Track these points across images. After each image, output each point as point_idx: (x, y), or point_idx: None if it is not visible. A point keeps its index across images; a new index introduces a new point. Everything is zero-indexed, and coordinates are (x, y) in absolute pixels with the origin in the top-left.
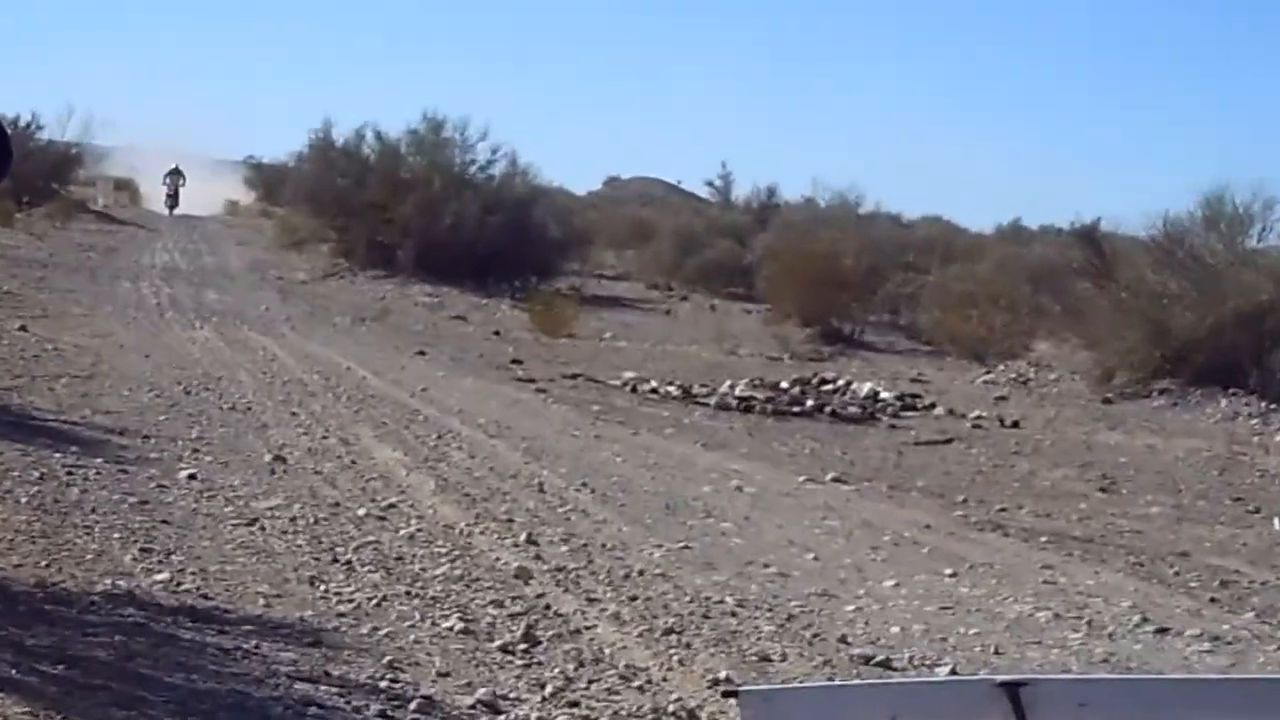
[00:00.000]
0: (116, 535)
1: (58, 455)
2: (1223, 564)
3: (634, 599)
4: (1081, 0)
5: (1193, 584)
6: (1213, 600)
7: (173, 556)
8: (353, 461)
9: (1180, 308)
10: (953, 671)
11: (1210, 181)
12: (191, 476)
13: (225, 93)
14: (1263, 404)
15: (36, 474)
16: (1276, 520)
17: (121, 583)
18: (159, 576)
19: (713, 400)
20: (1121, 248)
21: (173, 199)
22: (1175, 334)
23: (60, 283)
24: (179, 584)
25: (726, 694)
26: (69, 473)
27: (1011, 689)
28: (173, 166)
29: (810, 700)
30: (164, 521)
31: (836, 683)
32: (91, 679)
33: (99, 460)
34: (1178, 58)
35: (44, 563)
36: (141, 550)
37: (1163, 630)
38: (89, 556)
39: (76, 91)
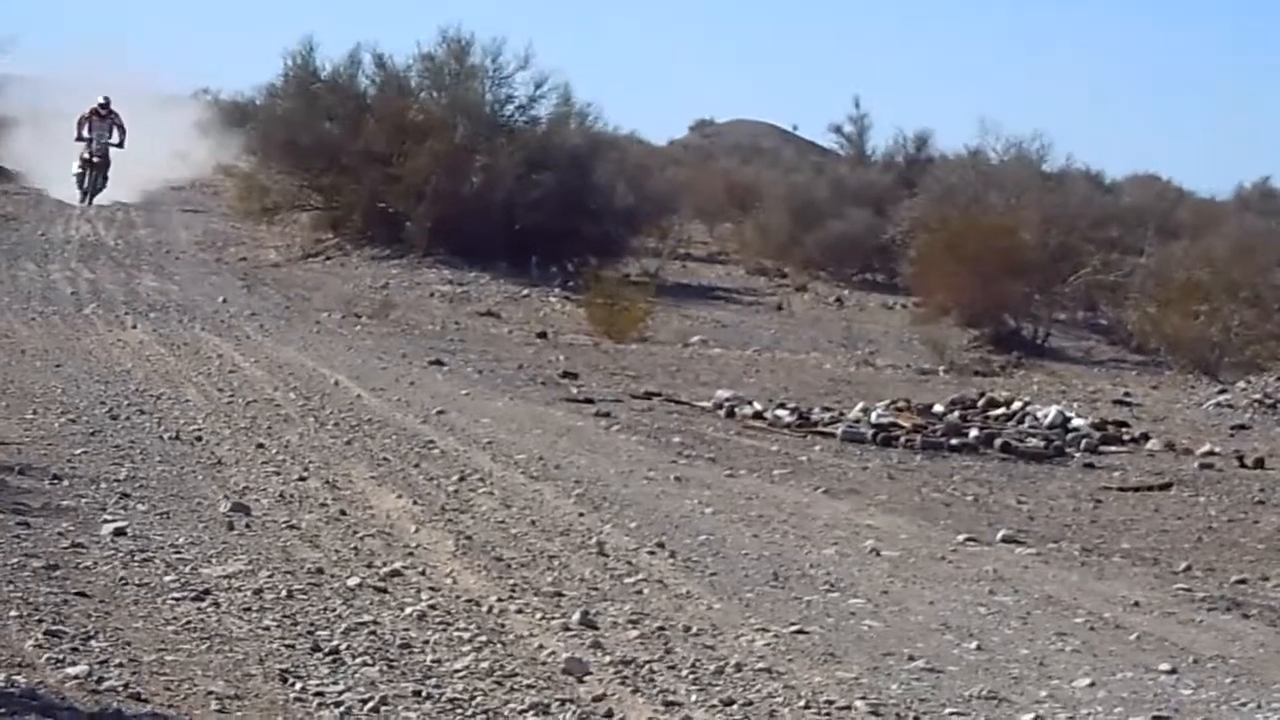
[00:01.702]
0: (14, 613)
1: None
2: None
3: (729, 703)
4: None
5: None
6: None
7: (92, 642)
8: (342, 512)
9: None
10: None
11: None
12: (119, 532)
13: (168, 4)
14: None
15: None
16: None
17: (20, 678)
18: (73, 670)
19: (840, 429)
20: None
21: (95, 168)
22: None
23: None
24: (101, 680)
25: None
26: None
27: None
28: (98, 103)
29: None
30: (81, 594)
31: None
32: None
33: None
34: None
35: None
36: (49, 634)
37: None
38: None
39: None
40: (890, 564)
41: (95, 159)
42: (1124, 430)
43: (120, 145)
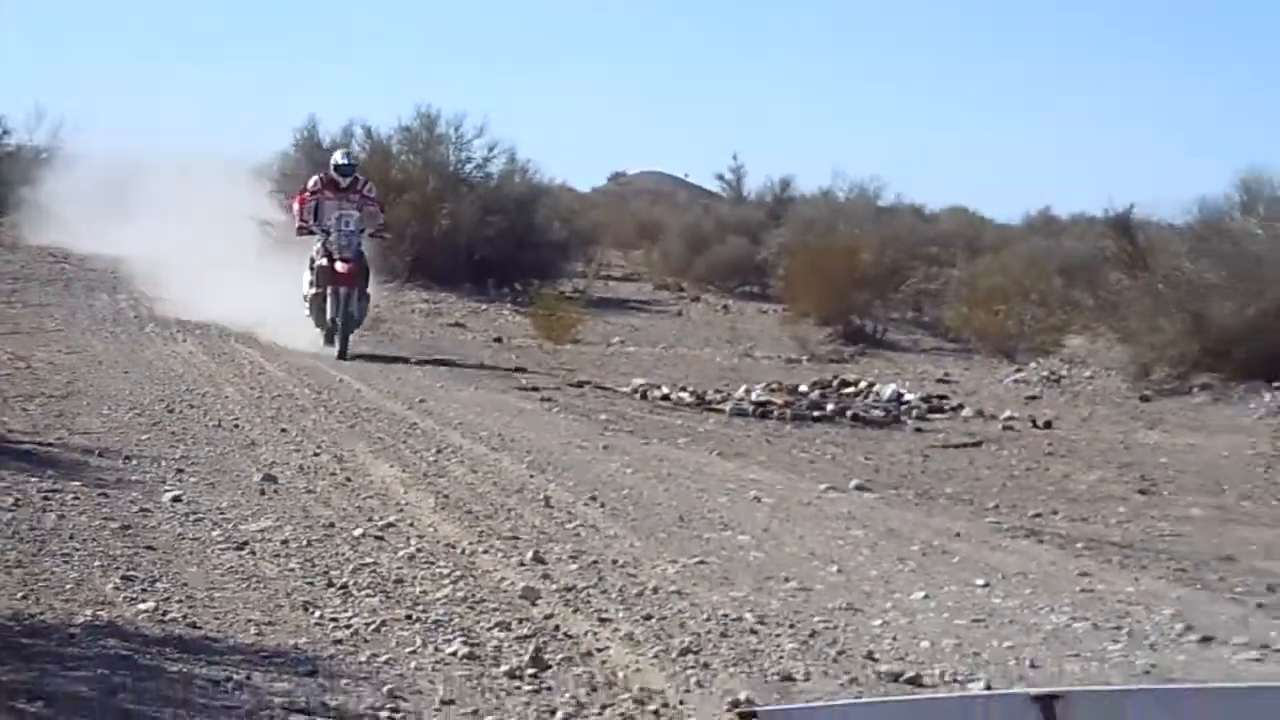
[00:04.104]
0: (97, 563)
1: (33, 480)
2: (1271, 567)
3: (648, 618)
4: None
5: (1239, 589)
6: (1260, 606)
7: (157, 584)
8: (347, 479)
9: (1219, 297)
10: (986, 687)
11: (1247, 162)
12: (176, 499)
13: (195, 90)
14: None
15: (10, 500)
16: None
17: (103, 613)
18: (143, 606)
19: (728, 406)
20: (1156, 236)
21: (343, 281)
22: (1215, 325)
23: (32, 296)
24: (164, 613)
25: (745, 715)
26: (45, 498)
27: (1046, 703)
28: (335, 164)
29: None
30: (148, 547)
31: (861, 700)
32: (72, 716)
33: (77, 484)
34: (1209, 33)
35: (19, 594)
36: (124, 578)
37: (1207, 639)
38: (68, 586)
39: (46, 91)
40: (769, 508)
41: (341, 264)
42: (945, 401)
43: (382, 234)
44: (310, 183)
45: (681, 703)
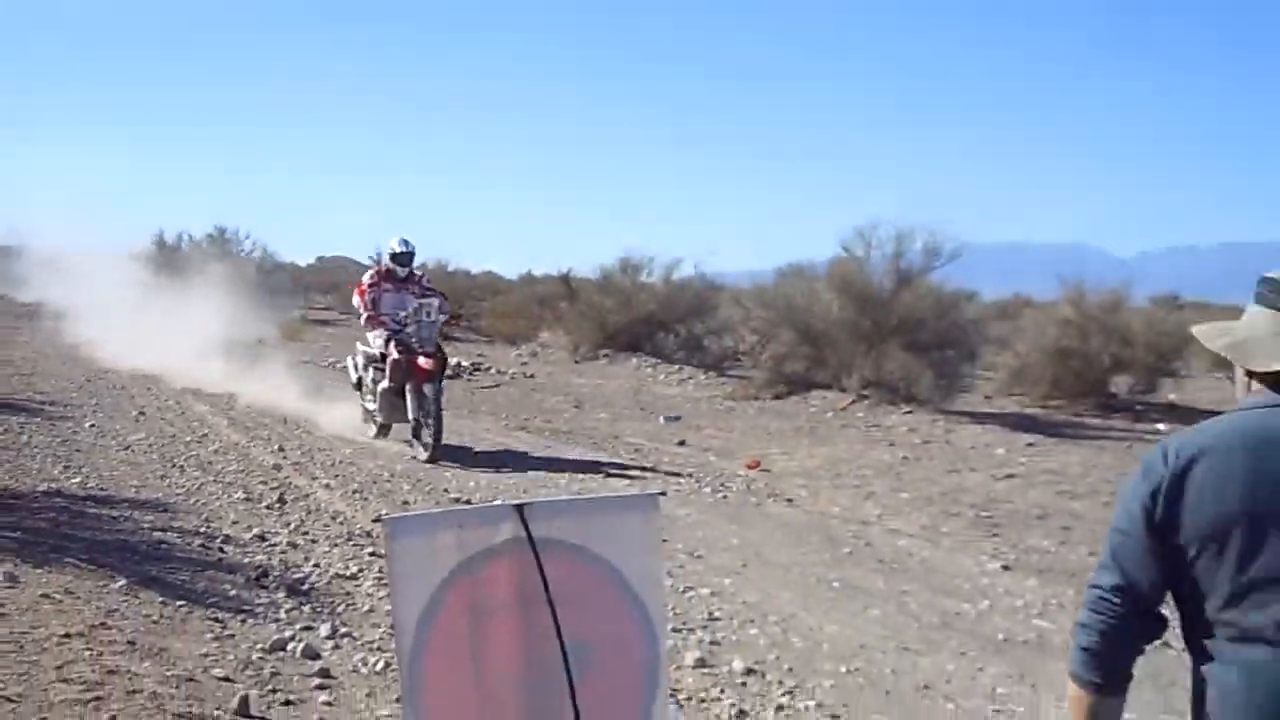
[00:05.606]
0: (49, 459)
1: (13, 418)
2: (636, 441)
3: (338, 476)
4: (568, 98)
5: (623, 450)
6: (632, 460)
7: (82, 469)
8: (183, 413)
9: (612, 314)
10: (500, 501)
11: (623, 246)
12: (92, 425)
13: (101, 196)
14: (653, 360)
15: (1, 429)
16: (662, 418)
17: (53, 485)
18: (74, 480)
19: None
20: (582, 283)
21: (423, 377)
22: (610, 326)
23: (8, 325)
24: (86, 483)
25: (376, 520)
26: (20, 426)
27: (520, 508)
28: (392, 251)
29: (421, 521)
30: (77, 450)
31: (440, 509)
32: (37, 539)
33: (38, 419)
34: (613, 153)
35: (6, 477)
36: (64, 467)
37: (610, 476)
38: (34, 471)
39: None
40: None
41: (425, 359)
42: (481, 365)
43: (455, 319)
44: (365, 277)
45: (353, 517)
